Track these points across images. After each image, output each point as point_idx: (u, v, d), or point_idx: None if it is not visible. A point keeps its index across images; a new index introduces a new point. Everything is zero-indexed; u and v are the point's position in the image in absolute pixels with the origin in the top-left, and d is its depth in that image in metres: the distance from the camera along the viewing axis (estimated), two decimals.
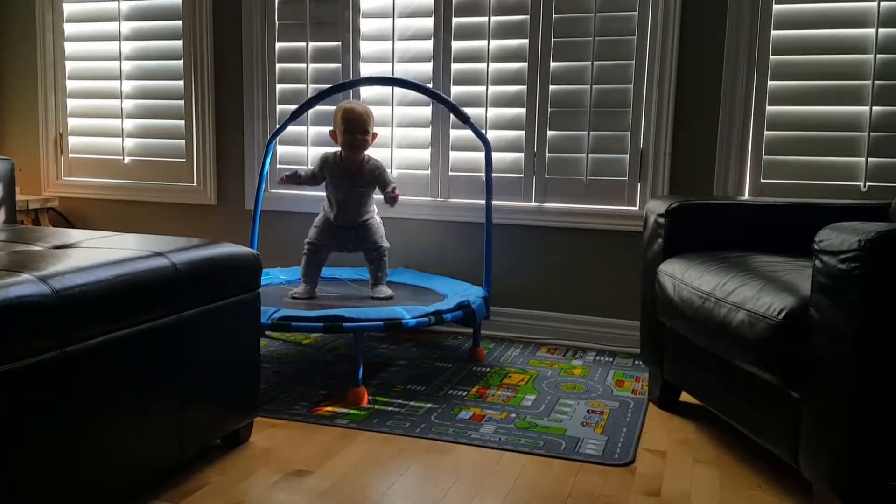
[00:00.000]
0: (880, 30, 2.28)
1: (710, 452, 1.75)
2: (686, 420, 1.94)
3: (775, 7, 2.37)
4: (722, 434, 1.84)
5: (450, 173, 2.73)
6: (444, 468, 1.63)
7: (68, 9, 3.14)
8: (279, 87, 2.89)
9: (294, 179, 2.45)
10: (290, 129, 2.75)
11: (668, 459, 1.70)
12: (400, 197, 2.37)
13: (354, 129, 2.35)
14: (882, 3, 2.27)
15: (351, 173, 2.39)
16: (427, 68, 2.70)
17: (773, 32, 2.38)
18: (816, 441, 1.35)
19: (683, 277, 1.75)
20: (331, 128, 2.44)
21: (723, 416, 1.71)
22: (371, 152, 2.81)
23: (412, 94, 2.68)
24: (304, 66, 2.84)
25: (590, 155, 2.58)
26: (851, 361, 1.26)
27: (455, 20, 2.66)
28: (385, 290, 2.36)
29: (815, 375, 1.34)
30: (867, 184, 2.34)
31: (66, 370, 1.19)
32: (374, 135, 2.43)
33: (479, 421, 1.89)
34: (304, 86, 2.84)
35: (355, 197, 2.39)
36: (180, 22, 2.98)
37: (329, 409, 1.94)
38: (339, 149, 2.41)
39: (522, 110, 2.63)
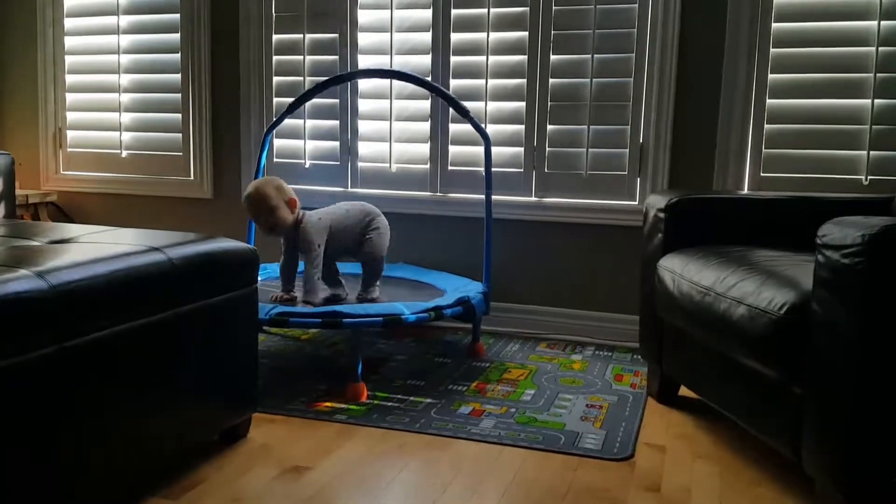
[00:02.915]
0: (882, 22, 2.27)
1: (709, 447, 1.74)
2: (685, 414, 1.93)
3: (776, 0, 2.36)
4: (722, 429, 1.84)
5: (449, 168, 2.72)
6: (443, 463, 1.63)
7: (69, 3, 3.12)
8: (276, 79, 2.87)
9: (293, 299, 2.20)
10: (287, 121, 2.74)
11: (668, 454, 1.70)
12: (299, 300, 2.14)
13: (256, 220, 2.15)
14: None
15: (292, 244, 2.19)
16: (426, 61, 2.69)
17: (774, 25, 2.36)
18: (818, 437, 1.34)
19: (683, 272, 1.74)
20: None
21: (723, 411, 1.70)
22: (370, 147, 2.80)
23: (411, 87, 2.67)
24: (301, 58, 2.82)
25: (590, 149, 2.57)
26: (854, 356, 1.26)
27: (454, 12, 2.64)
28: (372, 292, 2.22)
29: (816, 370, 1.34)
30: (869, 177, 2.33)
31: (63, 366, 1.18)
32: (291, 201, 2.13)
33: (478, 416, 1.88)
34: (302, 78, 2.83)
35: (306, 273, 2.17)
36: (178, 15, 2.96)
37: (328, 404, 1.94)
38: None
39: (522, 104, 2.61)
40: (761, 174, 2.42)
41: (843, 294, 1.27)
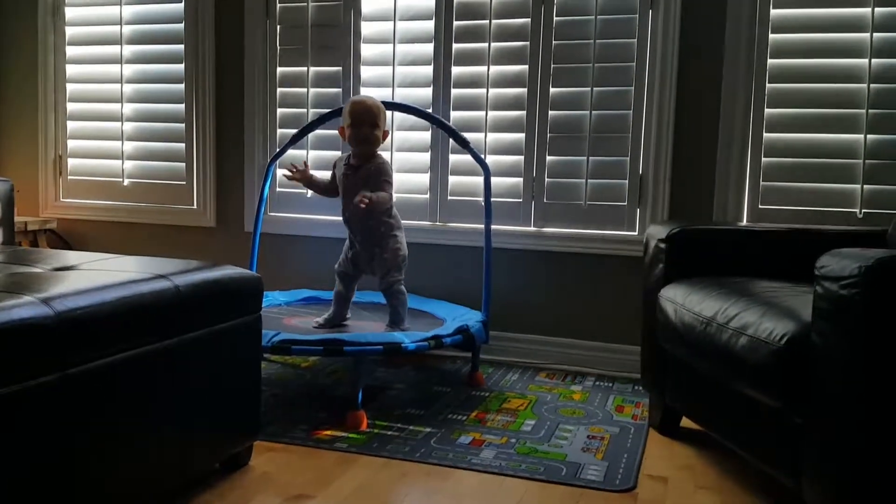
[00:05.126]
0: (873, 60, 2.32)
1: (712, 478, 1.74)
2: (687, 446, 1.93)
3: (771, 36, 2.41)
4: (724, 460, 1.84)
5: (449, 197, 2.74)
6: (444, 494, 1.62)
7: (70, 31, 3.17)
8: (280, 110, 2.91)
9: (305, 175, 2.23)
10: (290, 152, 2.76)
11: (670, 485, 1.69)
12: (365, 207, 2.08)
13: (361, 122, 2.15)
14: (875, 35, 2.31)
15: (353, 178, 2.19)
16: (427, 93, 2.73)
17: (770, 61, 2.41)
18: (819, 467, 1.34)
19: (685, 303, 1.76)
20: (341, 125, 2.25)
21: (724, 442, 1.70)
22: None
23: (412, 118, 2.70)
24: (304, 90, 2.86)
25: (589, 180, 2.60)
26: (853, 386, 1.27)
27: (455, 46, 2.69)
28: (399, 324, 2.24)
29: (817, 400, 1.34)
30: (863, 210, 2.36)
31: (67, 392, 1.18)
32: (386, 132, 2.24)
33: (479, 446, 1.88)
34: (305, 110, 2.86)
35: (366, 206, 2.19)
36: (182, 46, 3.00)
37: (328, 432, 1.93)
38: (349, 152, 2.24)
39: (522, 135, 2.65)
40: (760, 206, 2.45)
41: (841, 324, 1.29)
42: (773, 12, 2.40)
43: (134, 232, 3.13)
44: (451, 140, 2.63)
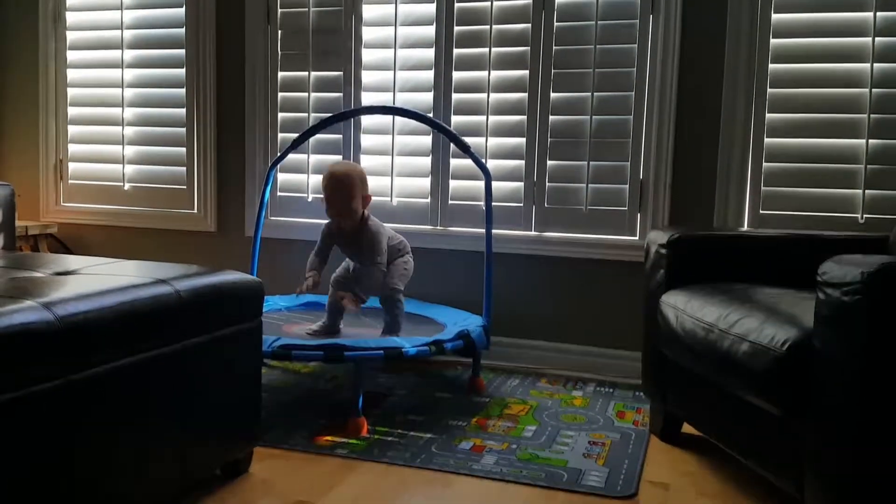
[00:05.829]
0: (875, 64, 2.32)
1: (713, 485, 1.73)
2: (688, 452, 1.92)
3: (772, 41, 2.41)
4: (725, 466, 1.83)
5: (450, 202, 2.74)
6: (445, 500, 1.61)
7: (71, 36, 3.17)
8: (280, 115, 2.91)
9: (315, 283, 2.19)
10: (291, 157, 2.76)
11: (672, 492, 1.69)
12: (357, 304, 2.15)
13: (332, 199, 2.16)
14: (877, 39, 2.31)
15: (349, 245, 2.23)
16: (428, 98, 2.73)
17: (771, 66, 2.41)
18: (820, 473, 1.34)
19: (686, 308, 1.75)
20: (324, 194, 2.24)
21: (725, 448, 1.70)
22: (372, 181, 2.82)
23: (413, 123, 2.70)
24: (305, 95, 2.87)
25: (590, 185, 2.60)
26: (854, 393, 1.26)
27: (456, 51, 2.69)
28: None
29: (818, 407, 1.34)
30: (865, 216, 2.35)
31: (69, 398, 1.18)
32: (367, 197, 2.21)
33: (479, 452, 1.87)
34: (306, 114, 2.87)
35: (365, 269, 2.21)
36: (183, 50, 3.01)
37: (329, 438, 1.92)
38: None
39: (522, 140, 2.65)
40: (761, 211, 2.45)
41: (843, 331, 1.28)
42: (774, 17, 2.40)
43: (135, 236, 3.13)
44: (451, 144, 2.63)
